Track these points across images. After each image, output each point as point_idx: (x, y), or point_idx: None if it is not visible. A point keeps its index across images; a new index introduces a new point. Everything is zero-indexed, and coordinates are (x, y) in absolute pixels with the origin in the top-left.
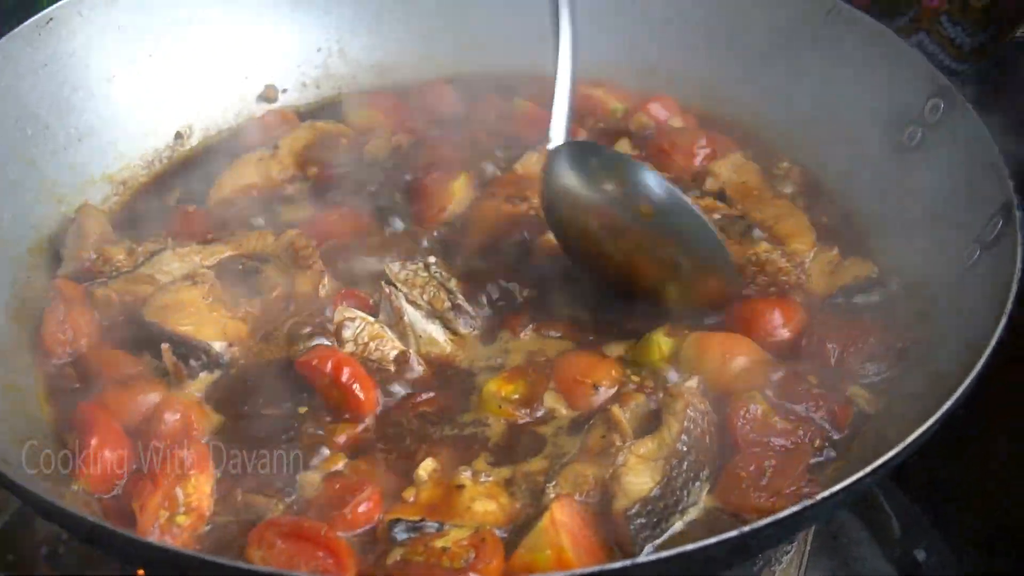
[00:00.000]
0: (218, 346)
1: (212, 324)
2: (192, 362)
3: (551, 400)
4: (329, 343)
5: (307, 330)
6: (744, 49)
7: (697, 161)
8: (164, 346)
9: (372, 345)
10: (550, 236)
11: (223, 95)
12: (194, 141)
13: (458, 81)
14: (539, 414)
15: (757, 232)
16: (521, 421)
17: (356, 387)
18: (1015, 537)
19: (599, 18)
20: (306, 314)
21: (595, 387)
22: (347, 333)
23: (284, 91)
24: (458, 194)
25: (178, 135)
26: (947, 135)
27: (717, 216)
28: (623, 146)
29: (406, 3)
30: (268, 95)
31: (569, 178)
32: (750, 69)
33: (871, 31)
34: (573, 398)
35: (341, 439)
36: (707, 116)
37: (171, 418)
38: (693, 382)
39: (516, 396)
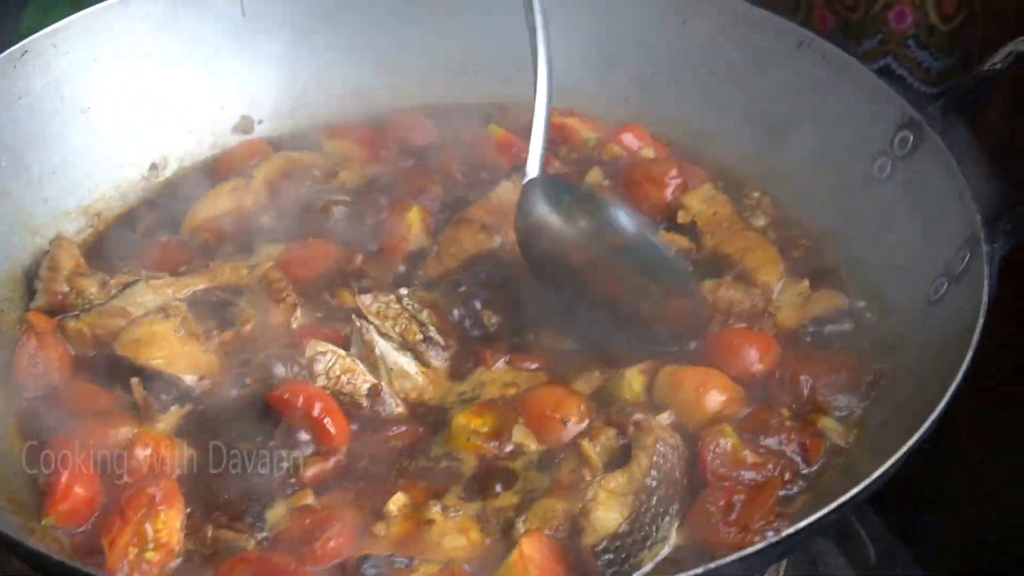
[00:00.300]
0: (189, 379)
1: (184, 357)
2: (163, 396)
3: (520, 435)
4: (302, 377)
5: (279, 364)
6: (715, 80)
7: (668, 192)
8: (134, 381)
9: (344, 379)
10: (525, 266)
11: (198, 126)
12: (169, 172)
13: (433, 109)
14: (508, 448)
15: (728, 267)
16: (490, 455)
17: (328, 421)
18: (990, 563)
19: (572, 47)
20: (279, 348)
21: (563, 422)
22: (319, 367)
23: (260, 122)
24: (414, 225)
25: (153, 166)
26: (916, 167)
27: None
28: (595, 176)
29: (381, 33)
30: (244, 126)
31: (543, 212)
32: (721, 100)
33: (841, 63)
34: (542, 433)
35: (311, 473)
36: (679, 146)
37: (142, 454)
38: (664, 416)
39: (485, 429)
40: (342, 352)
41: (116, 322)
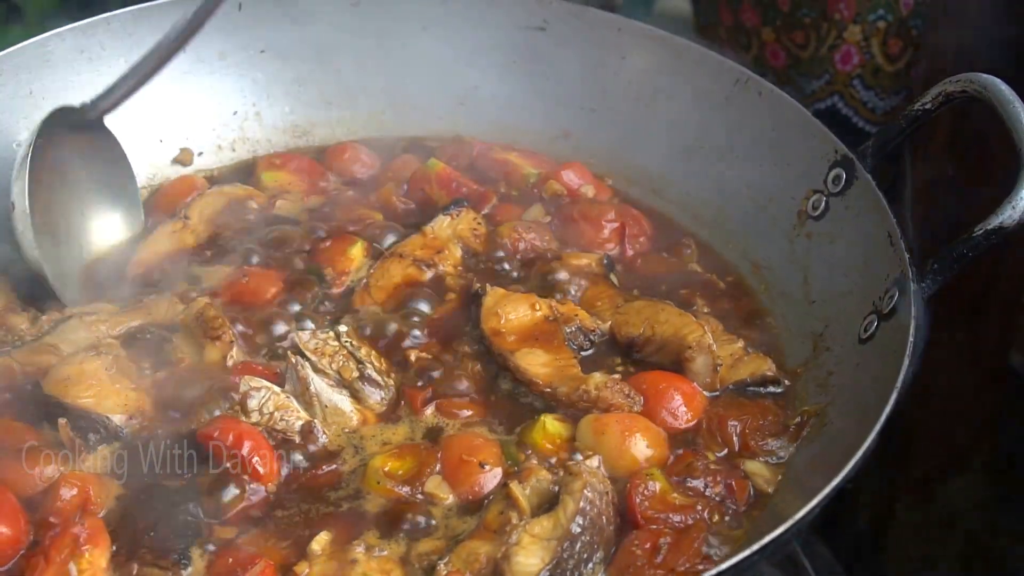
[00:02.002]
0: (118, 419)
1: (113, 396)
2: (91, 436)
3: (432, 485)
4: (232, 413)
5: (212, 401)
6: (652, 116)
7: (605, 233)
8: (61, 421)
9: (277, 415)
10: (449, 309)
11: (138, 158)
12: None
13: (374, 142)
14: (419, 497)
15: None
16: (401, 500)
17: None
18: None
19: (510, 82)
20: (212, 385)
21: (481, 466)
22: (252, 403)
23: (200, 154)
24: (357, 260)
25: None
26: (849, 205)
27: (573, 328)
28: (536, 212)
29: (322, 67)
30: (183, 159)
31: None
32: (658, 136)
33: (777, 102)
34: (458, 479)
35: (237, 510)
36: (618, 185)
37: (68, 494)
38: (594, 461)
39: (400, 473)
40: (276, 388)
41: (47, 359)
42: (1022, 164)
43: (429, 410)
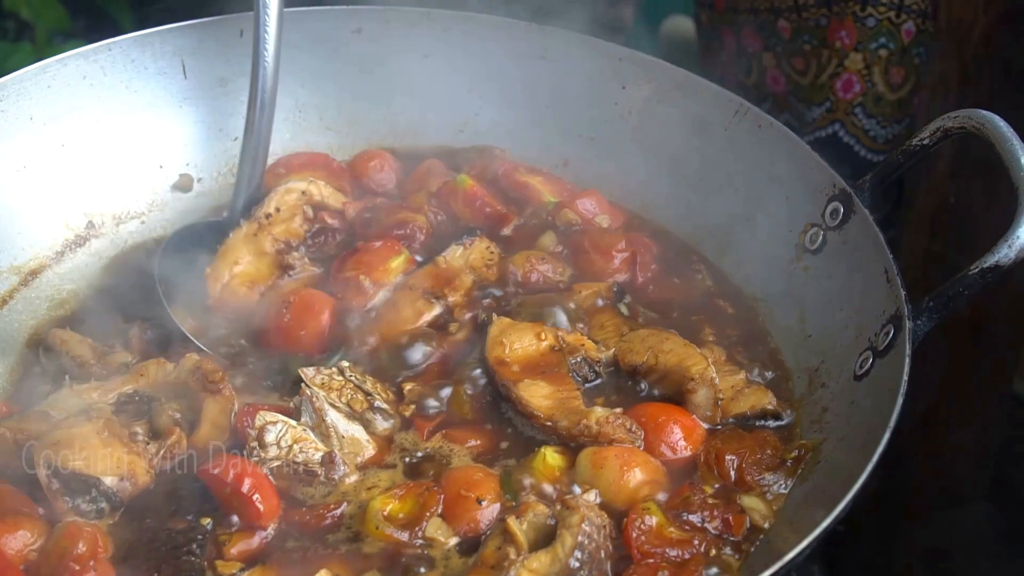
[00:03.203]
0: (110, 481)
1: (105, 459)
2: (83, 499)
3: (432, 529)
4: (253, 449)
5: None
6: (652, 145)
7: (615, 263)
8: (41, 472)
9: (296, 448)
10: (459, 336)
11: (137, 184)
12: (106, 230)
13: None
14: (418, 542)
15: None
16: (400, 544)
17: (256, 497)
18: None
19: (510, 108)
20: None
21: (479, 502)
22: (269, 437)
23: (199, 180)
24: (396, 272)
25: (91, 224)
26: (847, 239)
27: (578, 358)
28: (548, 240)
29: (323, 94)
30: (183, 184)
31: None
32: (658, 165)
33: (776, 133)
34: (456, 514)
35: (237, 550)
36: (630, 214)
37: (75, 542)
38: (591, 495)
39: (400, 516)
40: (292, 422)
41: (38, 427)
42: (1019, 202)
43: (435, 439)
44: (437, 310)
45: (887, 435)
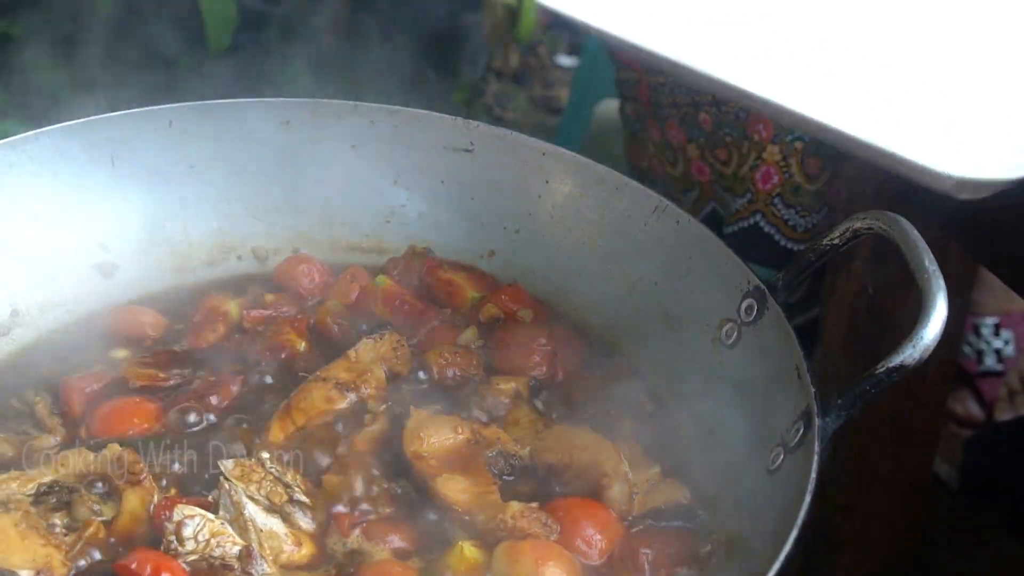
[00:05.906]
0: (25, 575)
1: (22, 552)
2: None
3: None
4: (171, 544)
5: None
6: (574, 239)
7: (535, 358)
8: None
9: (213, 542)
10: (371, 431)
11: (57, 271)
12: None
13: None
14: None
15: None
16: None
17: None
18: None
19: (436, 201)
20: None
21: None
22: (187, 531)
23: (122, 267)
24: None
25: (15, 312)
26: (760, 335)
27: (494, 452)
28: (470, 335)
29: (250, 184)
30: (106, 271)
31: None
32: (579, 258)
33: (693, 230)
34: None
35: None
36: (552, 309)
37: None
38: None
39: None
40: (210, 516)
41: None
42: (923, 304)
43: (354, 536)
44: (350, 399)
45: (794, 532)
